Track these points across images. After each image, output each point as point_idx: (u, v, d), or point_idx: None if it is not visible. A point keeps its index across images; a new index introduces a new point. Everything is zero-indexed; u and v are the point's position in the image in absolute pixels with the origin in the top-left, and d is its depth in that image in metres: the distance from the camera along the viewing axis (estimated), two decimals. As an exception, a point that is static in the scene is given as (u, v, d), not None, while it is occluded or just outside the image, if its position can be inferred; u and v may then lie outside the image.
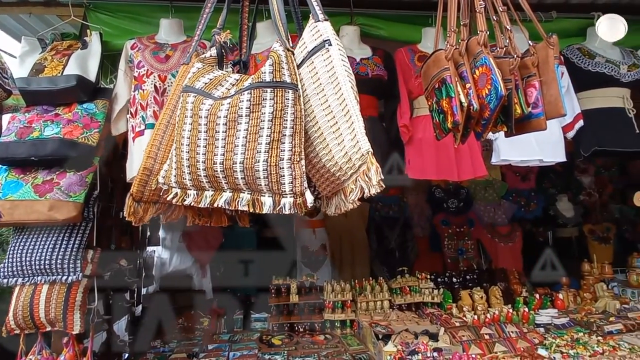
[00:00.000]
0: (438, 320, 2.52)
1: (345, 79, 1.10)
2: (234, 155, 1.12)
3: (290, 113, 1.10)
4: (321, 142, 1.15)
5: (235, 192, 1.18)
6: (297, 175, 1.09)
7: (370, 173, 1.05)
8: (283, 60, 1.14)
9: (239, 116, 1.13)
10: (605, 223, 4.27)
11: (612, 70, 2.27)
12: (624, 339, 2.23)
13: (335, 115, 1.11)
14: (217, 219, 1.48)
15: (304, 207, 1.11)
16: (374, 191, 1.07)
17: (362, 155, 1.07)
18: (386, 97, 2.29)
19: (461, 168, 2.02)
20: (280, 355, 2.36)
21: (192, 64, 1.30)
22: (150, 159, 1.31)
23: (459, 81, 1.20)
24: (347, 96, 1.09)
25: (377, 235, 4.03)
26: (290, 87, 1.12)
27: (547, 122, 1.21)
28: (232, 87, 1.22)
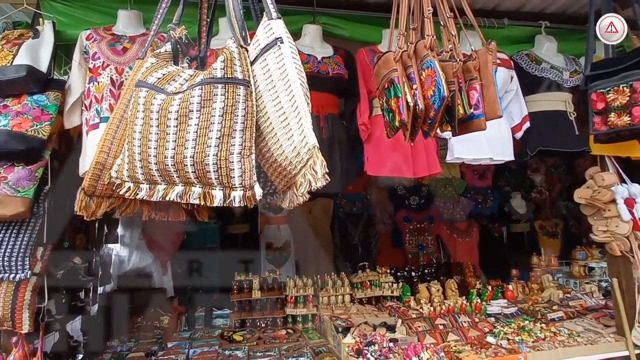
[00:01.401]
0: (396, 312, 2.61)
1: (295, 76, 1.13)
2: (185, 149, 1.13)
3: (242, 109, 1.13)
4: (272, 137, 1.18)
5: (187, 185, 1.19)
6: (246, 169, 1.11)
7: (316, 167, 1.10)
8: (235, 57, 1.16)
9: (190, 111, 1.14)
10: (554, 219, 4.55)
11: (556, 76, 2.43)
12: (564, 326, 2.41)
13: (286, 111, 1.14)
14: (175, 213, 1.47)
15: (253, 200, 1.14)
16: (319, 184, 1.11)
17: (309, 149, 1.11)
18: (346, 96, 2.34)
19: (417, 165, 2.10)
20: (240, 350, 2.36)
21: (146, 59, 1.29)
22: (103, 153, 1.29)
23: (406, 82, 1.26)
24: (296, 93, 1.12)
25: (340, 232, 4.10)
26: (241, 83, 1.14)
27: (486, 123, 1.29)
28: (185, 82, 1.22)
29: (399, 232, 4.06)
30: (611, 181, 2.29)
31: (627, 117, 1.62)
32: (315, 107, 2.11)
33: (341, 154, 2.13)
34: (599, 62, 1.85)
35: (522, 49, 2.58)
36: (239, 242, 4.25)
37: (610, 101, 1.67)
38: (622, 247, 2.25)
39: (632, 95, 1.60)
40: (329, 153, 2.09)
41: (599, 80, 1.73)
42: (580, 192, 2.41)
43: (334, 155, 2.10)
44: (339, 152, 2.11)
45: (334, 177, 2.12)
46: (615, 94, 1.65)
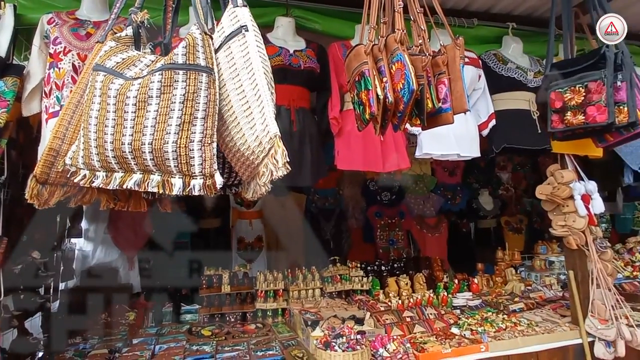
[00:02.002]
0: (365, 305, 2.64)
1: (259, 65, 1.12)
2: (143, 136, 1.10)
3: (204, 96, 1.10)
4: (235, 126, 1.16)
5: (145, 173, 1.15)
6: (207, 157, 1.09)
7: (277, 155, 1.09)
8: (198, 44, 1.13)
9: (149, 97, 1.10)
10: (519, 215, 4.73)
11: (521, 76, 2.51)
12: (524, 316, 2.51)
13: (249, 100, 1.13)
14: (136, 204, 1.43)
15: (213, 189, 1.12)
16: (280, 173, 1.11)
17: (271, 138, 1.10)
18: (318, 90, 2.34)
19: (386, 160, 2.13)
20: (208, 345, 2.33)
21: (106, 42, 1.24)
22: (58, 139, 1.24)
23: (376, 75, 1.27)
24: (259, 82, 1.11)
25: (312, 226, 4.11)
26: (204, 70, 1.12)
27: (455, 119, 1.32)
28: (146, 68, 1.19)
29: (370, 227, 4.11)
30: (570, 178, 2.40)
31: (582, 116, 1.70)
32: (287, 100, 2.10)
33: (312, 148, 2.13)
34: (558, 62, 1.93)
35: (490, 49, 2.65)
36: (210, 237, 4.19)
37: (567, 100, 1.75)
38: (578, 241, 2.36)
39: (586, 95, 1.68)
40: (300, 147, 2.09)
41: (558, 80, 1.81)
42: (541, 188, 2.51)
43: (305, 149, 2.10)
44: (310, 146, 2.11)
45: (305, 171, 2.13)
46: (572, 93, 1.73)
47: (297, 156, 2.06)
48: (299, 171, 2.06)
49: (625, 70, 1.65)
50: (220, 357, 2.18)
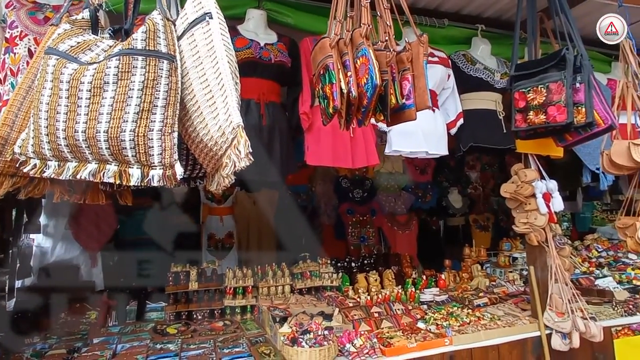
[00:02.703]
0: (334, 302, 2.64)
1: (223, 53, 1.09)
2: (98, 124, 1.05)
3: (164, 84, 1.06)
4: (198, 116, 1.13)
5: (101, 163, 1.10)
6: (167, 146, 1.06)
7: (240, 146, 1.07)
8: (160, 30, 1.09)
9: (105, 83, 1.05)
10: (486, 213, 4.87)
11: (488, 76, 2.58)
12: (488, 310, 2.58)
13: (212, 89, 1.10)
14: (93, 196, 1.37)
15: (173, 180, 1.08)
16: (243, 164, 1.09)
17: (234, 128, 1.08)
18: (289, 85, 2.31)
19: (356, 156, 2.14)
20: (173, 343, 2.27)
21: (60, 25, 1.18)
22: (6, 126, 1.16)
23: (341, 69, 1.26)
24: (223, 70, 1.08)
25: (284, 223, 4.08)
26: (165, 57, 1.08)
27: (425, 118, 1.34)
28: (103, 52, 1.13)
29: (342, 224, 4.13)
30: (532, 177, 2.48)
31: (543, 116, 1.75)
32: (256, 94, 2.07)
33: (281, 143, 2.10)
34: (522, 63, 1.99)
35: (459, 50, 2.71)
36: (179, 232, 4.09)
37: (530, 100, 1.81)
38: (539, 237, 2.45)
39: (547, 96, 1.74)
40: (269, 141, 2.06)
41: (522, 80, 1.87)
42: (505, 187, 2.59)
43: (274, 144, 2.07)
44: (279, 141, 2.09)
45: (274, 166, 2.11)
46: (534, 93, 1.79)
47: (266, 151, 2.03)
48: (268, 166, 2.04)
49: (583, 72, 1.72)
50: (185, 355, 2.13)
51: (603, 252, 3.61)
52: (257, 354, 2.12)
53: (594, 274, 3.17)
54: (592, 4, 2.65)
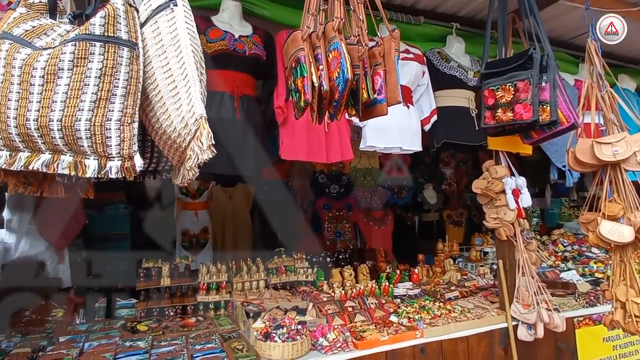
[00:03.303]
0: (308, 296, 2.65)
1: (187, 42, 1.06)
2: (51, 112, 1.00)
3: (124, 72, 1.03)
4: (161, 106, 1.10)
5: (55, 153, 1.06)
6: (126, 137, 1.02)
7: (203, 138, 1.04)
8: (120, 15, 1.05)
9: (59, 69, 1.01)
10: (460, 209, 4.98)
11: (462, 74, 2.62)
12: (459, 304, 2.64)
13: (176, 79, 1.07)
14: (51, 188, 1.31)
15: (132, 171, 1.05)
16: (206, 156, 1.06)
17: (196, 120, 1.05)
18: (264, 78, 2.29)
19: (330, 151, 2.14)
20: (143, 341, 2.23)
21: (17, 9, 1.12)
22: (-44, 115, 1.09)
23: (313, 62, 1.26)
24: (187, 60, 1.05)
25: (260, 218, 4.06)
26: (125, 44, 1.04)
27: (388, 109, 1.35)
28: (59, 37, 1.08)
29: (318, 219, 4.13)
30: (502, 174, 2.55)
31: (511, 113, 1.80)
32: (230, 87, 2.03)
33: (255, 137, 2.08)
34: (492, 62, 2.03)
35: (434, 47, 2.74)
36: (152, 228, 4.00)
37: (498, 98, 1.85)
38: (507, 232, 2.52)
39: (515, 94, 1.79)
40: (243, 135, 2.03)
41: (492, 78, 1.91)
42: (477, 183, 2.65)
43: (248, 138, 2.05)
44: (254, 135, 2.07)
45: (248, 160, 2.08)
46: (503, 91, 1.83)
47: (240, 144, 2.01)
48: (242, 160, 2.02)
49: (549, 72, 1.77)
50: (155, 352, 2.09)
51: (568, 247, 3.76)
52: (229, 349, 2.10)
53: (560, 268, 3.29)
54: (561, 6, 2.73)
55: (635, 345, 2.70)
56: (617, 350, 2.66)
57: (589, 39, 2.20)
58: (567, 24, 3.11)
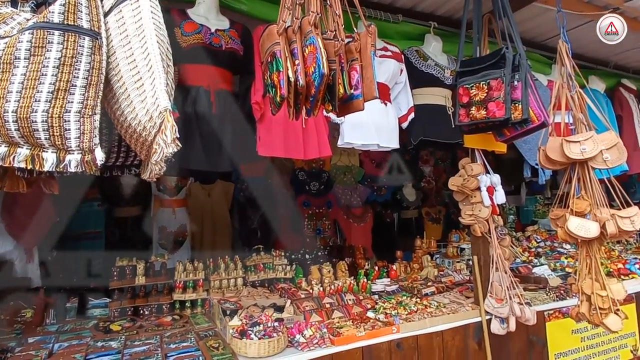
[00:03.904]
0: (286, 293, 2.64)
1: (152, 32, 1.03)
2: (6, 102, 0.96)
3: (85, 62, 0.99)
4: (126, 98, 1.06)
5: (11, 146, 1.01)
6: (86, 130, 0.99)
7: (167, 131, 1.02)
8: (82, 3, 1.01)
9: (15, 58, 0.97)
10: (438, 206, 5.06)
11: (439, 73, 2.66)
12: (435, 299, 2.69)
13: (140, 71, 1.04)
14: (12, 183, 1.25)
15: (93, 166, 1.02)
16: (170, 150, 1.04)
17: (161, 112, 1.03)
18: (241, 73, 2.26)
19: (308, 147, 2.13)
20: (116, 340, 2.18)
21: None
22: None
23: (289, 57, 1.25)
24: (151, 51, 1.03)
25: (240, 215, 4.02)
26: (87, 33, 1.00)
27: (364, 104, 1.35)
28: (18, 26, 1.04)
29: (298, 216, 4.12)
30: (478, 171, 2.60)
31: (484, 111, 1.84)
32: (206, 82, 2.00)
33: (232, 132, 2.05)
34: (467, 60, 2.07)
35: (412, 45, 2.77)
36: (128, 226, 3.92)
37: (472, 96, 1.88)
38: (482, 228, 2.57)
39: (488, 92, 1.83)
40: (219, 130, 2.01)
41: (466, 76, 1.94)
42: (453, 180, 2.69)
43: (224, 133, 2.02)
44: (230, 130, 2.04)
45: (224, 156, 2.06)
46: (477, 89, 1.87)
47: (216, 140, 1.98)
48: (218, 156, 1.99)
49: (521, 71, 1.82)
50: (128, 352, 2.05)
51: (541, 243, 3.87)
52: (205, 348, 2.07)
53: (533, 263, 3.39)
54: (535, 8, 2.80)
55: (601, 337, 2.81)
56: (584, 341, 2.76)
57: (560, 41, 2.26)
58: (541, 26, 3.19)
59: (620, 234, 1.96)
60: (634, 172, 3.59)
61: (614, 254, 3.69)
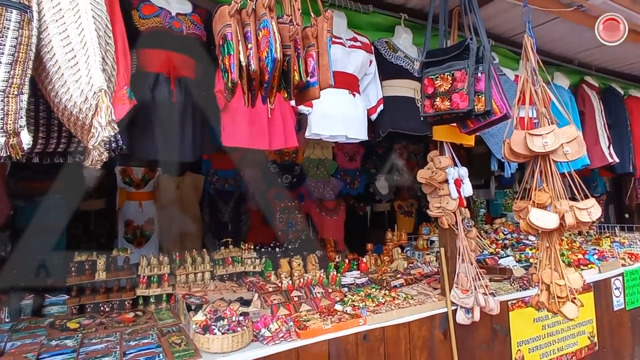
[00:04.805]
0: (255, 287, 2.60)
1: (87, 6, 0.96)
2: None
3: (12, 37, 0.91)
4: (59, 78, 0.99)
5: None
6: (11, 110, 0.91)
7: (102, 112, 0.95)
8: (9, -28, 0.93)
9: None
10: (410, 199, 5.11)
11: (408, 65, 2.65)
12: (403, 291, 2.70)
13: (74, 48, 0.97)
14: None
15: (19, 150, 0.94)
16: (106, 134, 0.98)
17: (95, 93, 0.96)
18: (205, 60, 2.18)
19: (273, 138, 2.08)
20: (72, 339, 2.08)
21: None
22: None
23: (241, 40, 1.19)
24: (86, 26, 0.95)
25: (210, 209, 3.94)
26: (15, 6, 0.92)
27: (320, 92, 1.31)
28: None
29: (270, 209, 4.07)
30: (446, 164, 2.61)
31: (448, 102, 1.84)
32: (166, 68, 1.92)
33: (194, 122, 1.98)
34: (432, 51, 2.06)
35: (382, 37, 2.74)
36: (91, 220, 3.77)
37: (437, 87, 1.88)
38: (449, 220, 2.60)
39: (452, 83, 1.83)
40: (180, 119, 1.93)
41: (431, 67, 1.94)
42: (421, 172, 2.70)
43: (186, 122, 1.94)
44: (192, 119, 1.96)
45: (185, 146, 1.98)
46: (441, 80, 1.87)
47: (177, 129, 1.90)
48: (180, 145, 1.91)
49: (484, 62, 1.82)
50: (84, 350, 1.96)
51: (508, 235, 3.97)
52: (167, 344, 2.01)
53: (499, 254, 3.46)
54: (502, 3, 2.83)
55: (561, 324, 2.90)
56: (545, 329, 2.85)
57: (526, 35, 2.29)
58: (509, 21, 3.23)
59: (578, 225, 2.01)
60: (595, 166, 3.71)
61: (575, 245, 3.82)
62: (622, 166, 3.84)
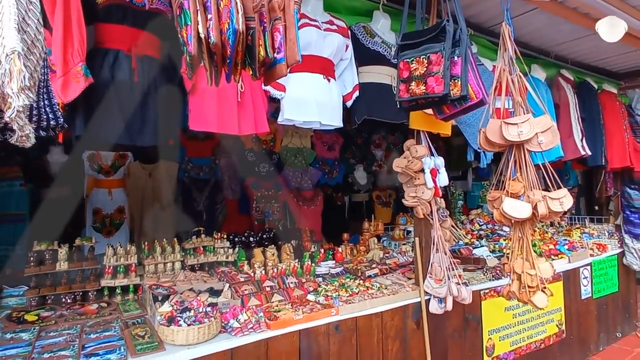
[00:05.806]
0: (226, 277, 2.53)
1: None
2: None
3: None
4: None
5: None
6: None
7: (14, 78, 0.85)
8: None
9: None
10: (389, 190, 5.10)
11: (385, 51, 2.58)
12: (377, 280, 2.68)
13: None
14: None
15: None
16: (21, 102, 0.88)
17: (7, 55, 0.86)
18: (171, 39, 2.06)
19: (243, 123, 1.99)
20: (28, 332, 1.97)
21: None
22: None
23: (201, 10, 1.10)
24: None
25: (184, 197, 3.82)
26: None
27: (287, 69, 1.24)
28: None
29: (246, 198, 3.98)
30: (422, 153, 2.58)
31: (423, 86, 1.79)
32: (126, 45, 1.79)
33: (158, 104, 1.87)
34: (408, 33, 2.00)
35: (360, 22, 2.67)
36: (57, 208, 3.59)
37: (413, 70, 1.83)
38: (425, 210, 2.57)
39: (428, 67, 1.78)
40: (143, 100, 1.81)
41: (407, 50, 1.88)
42: (398, 161, 2.66)
43: (149, 104, 1.83)
44: (155, 102, 1.85)
45: (147, 129, 1.87)
46: (417, 64, 1.81)
47: (139, 111, 1.79)
48: (141, 128, 1.80)
49: (461, 46, 1.77)
50: (40, 344, 1.86)
51: (483, 225, 4.00)
52: (129, 337, 1.93)
53: (474, 245, 3.48)
54: (482, -8, 2.79)
55: (531, 313, 2.94)
56: (516, 318, 2.89)
57: (504, 23, 2.25)
58: (489, 11, 3.20)
59: (550, 215, 2.01)
60: (568, 158, 3.76)
61: (547, 236, 3.88)
62: (594, 159, 3.91)
